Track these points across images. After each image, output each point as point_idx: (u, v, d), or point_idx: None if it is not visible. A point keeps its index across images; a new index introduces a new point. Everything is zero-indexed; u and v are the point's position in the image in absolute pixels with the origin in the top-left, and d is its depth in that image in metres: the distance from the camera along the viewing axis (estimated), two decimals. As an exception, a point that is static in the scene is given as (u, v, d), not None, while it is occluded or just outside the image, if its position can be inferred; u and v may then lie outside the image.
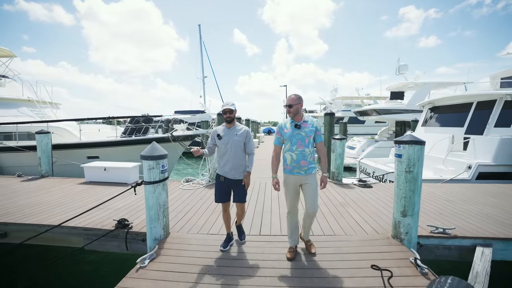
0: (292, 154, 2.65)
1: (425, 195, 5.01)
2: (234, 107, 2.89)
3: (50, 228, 3.35)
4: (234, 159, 2.87)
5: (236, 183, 2.92)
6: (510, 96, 6.86)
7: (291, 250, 2.81)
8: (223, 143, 2.89)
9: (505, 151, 6.49)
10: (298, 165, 2.63)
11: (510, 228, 3.38)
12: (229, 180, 2.91)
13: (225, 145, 2.88)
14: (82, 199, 4.85)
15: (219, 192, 2.96)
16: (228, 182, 2.92)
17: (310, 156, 2.65)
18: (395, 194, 3.08)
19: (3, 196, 4.94)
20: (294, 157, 2.64)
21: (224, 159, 2.90)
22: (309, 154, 2.65)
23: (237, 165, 2.89)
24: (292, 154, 2.65)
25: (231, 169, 2.89)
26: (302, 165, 2.62)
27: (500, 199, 4.71)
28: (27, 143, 7.50)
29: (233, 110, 2.88)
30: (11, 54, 10.50)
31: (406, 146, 2.91)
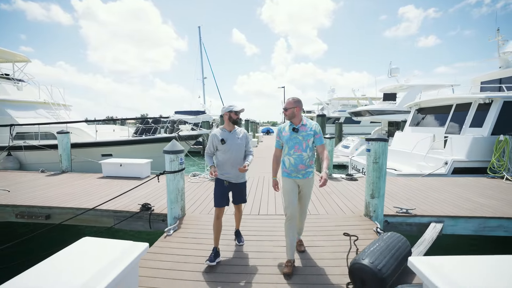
0: (290, 158, 2.64)
1: (401, 186, 5.81)
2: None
3: (86, 210, 4.12)
4: (237, 163, 2.83)
5: (237, 186, 2.91)
6: (482, 100, 7.65)
7: (288, 264, 2.61)
8: (227, 147, 2.81)
9: (476, 149, 7.28)
10: (296, 169, 2.62)
11: (459, 208, 4.18)
12: (232, 184, 2.89)
13: (230, 149, 2.81)
14: (104, 190, 5.62)
15: (221, 196, 2.87)
16: (230, 186, 2.89)
17: (308, 160, 2.63)
18: (366, 181, 3.87)
19: (39, 187, 5.72)
20: (292, 161, 2.63)
21: (228, 163, 2.83)
22: (307, 158, 2.63)
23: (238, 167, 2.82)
24: (290, 158, 2.64)
25: (235, 173, 2.84)
26: (300, 169, 2.62)
27: (463, 189, 5.50)
28: (47, 142, 8.25)
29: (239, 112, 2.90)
30: (26, 59, 11.24)
31: (373, 142, 3.70)
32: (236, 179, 2.90)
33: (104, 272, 1.56)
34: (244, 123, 12.97)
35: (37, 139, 8.40)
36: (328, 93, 32.75)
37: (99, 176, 6.93)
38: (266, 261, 2.85)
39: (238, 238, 3.27)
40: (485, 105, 7.66)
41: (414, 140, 9.14)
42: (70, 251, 1.79)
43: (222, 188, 2.89)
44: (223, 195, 2.88)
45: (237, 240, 3.26)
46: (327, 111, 25.62)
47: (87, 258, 1.70)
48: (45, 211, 4.46)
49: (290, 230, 2.62)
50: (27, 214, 4.47)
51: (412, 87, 14.92)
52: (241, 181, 2.95)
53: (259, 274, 2.62)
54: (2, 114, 8.80)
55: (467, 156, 7.34)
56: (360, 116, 16.82)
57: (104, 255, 1.74)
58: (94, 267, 1.59)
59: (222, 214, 2.90)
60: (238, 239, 3.26)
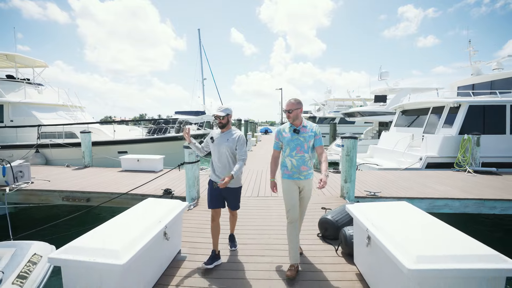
0: (292, 160, 2.63)
1: (378, 178, 6.91)
2: (225, 113, 2.77)
3: (119, 195, 5.22)
4: (226, 165, 2.78)
5: (228, 191, 2.81)
6: (452, 104, 8.77)
7: (291, 268, 2.61)
8: (214, 147, 2.82)
9: (446, 146, 8.40)
10: (298, 171, 2.62)
11: (417, 193, 5.30)
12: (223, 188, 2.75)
13: (217, 150, 2.80)
14: (127, 180, 6.69)
15: (212, 198, 2.83)
16: (220, 189, 2.78)
17: (309, 162, 2.66)
18: (341, 170, 4.97)
19: (72, 178, 6.78)
20: (295, 163, 2.62)
21: (216, 164, 2.83)
22: (309, 160, 2.65)
23: (229, 172, 2.75)
24: (292, 159, 2.63)
25: (220, 175, 2.79)
26: (302, 170, 2.62)
27: (427, 179, 6.62)
28: (69, 141, 9.30)
29: (224, 116, 2.77)
30: (44, 65, 12.27)
31: (346, 140, 4.80)
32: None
33: (163, 217, 2.59)
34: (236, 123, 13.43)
35: (60, 137, 9.44)
36: (325, 94, 33.94)
37: (118, 170, 8.00)
38: (267, 231, 3.95)
39: (231, 242, 3.18)
40: (455, 109, 8.79)
41: (397, 139, 10.28)
42: (141, 205, 2.86)
43: (212, 189, 2.84)
44: (213, 197, 2.82)
45: (230, 245, 3.16)
46: (323, 112, 26.72)
47: (151, 210, 2.76)
48: (86, 195, 5.54)
49: (293, 234, 2.61)
50: (71, 198, 5.54)
51: (400, 90, 16.08)
52: (233, 186, 2.80)
53: (262, 245, 3.71)
54: (28, 115, 9.84)
55: (439, 152, 8.46)
56: (353, 116, 17.96)
57: (162, 208, 2.81)
58: (157, 214, 2.61)
59: (217, 216, 2.83)
60: (231, 244, 3.17)
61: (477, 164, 7.90)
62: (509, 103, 8.29)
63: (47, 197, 5.68)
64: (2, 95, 9.87)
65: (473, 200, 5.07)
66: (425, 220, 2.18)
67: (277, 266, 2.78)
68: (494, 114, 8.37)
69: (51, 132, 9.78)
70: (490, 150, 8.22)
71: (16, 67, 10.99)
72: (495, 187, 5.94)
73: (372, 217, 2.28)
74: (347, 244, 2.79)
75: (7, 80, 10.46)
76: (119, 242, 1.87)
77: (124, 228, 2.15)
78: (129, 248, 1.83)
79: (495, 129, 8.36)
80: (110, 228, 2.15)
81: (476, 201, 5.07)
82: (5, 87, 10.11)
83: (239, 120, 14.72)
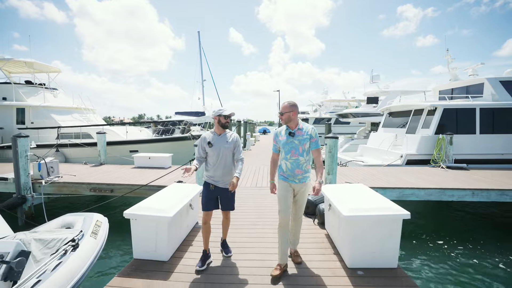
0: (286, 163, 2.64)
1: (361, 173, 7.92)
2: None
3: (140, 186, 6.21)
4: (225, 167, 2.81)
5: (225, 191, 2.84)
6: (429, 107, 9.80)
7: (278, 267, 2.67)
8: (214, 151, 2.79)
9: (424, 145, 9.43)
10: (292, 174, 2.62)
11: (389, 183, 6.33)
12: (219, 188, 2.85)
13: (217, 153, 2.79)
14: (142, 175, 7.66)
15: (208, 201, 2.86)
16: (217, 191, 2.85)
17: (305, 165, 2.63)
18: (325, 165, 5.97)
19: (94, 173, 7.77)
20: (289, 166, 2.62)
21: (215, 167, 2.81)
22: (304, 163, 2.62)
23: (228, 173, 2.83)
24: (287, 162, 2.64)
25: (222, 177, 2.82)
26: (297, 173, 2.61)
27: (403, 174, 7.64)
28: (86, 141, 10.27)
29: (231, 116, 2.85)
30: (58, 70, 13.23)
31: (328, 139, 5.81)
32: (223, 184, 2.84)
33: (188, 193, 3.61)
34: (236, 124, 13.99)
35: (77, 138, 10.41)
36: (322, 95, 35.02)
37: (132, 167, 8.97)
38: (262, 213, 4.96)
39: (225, 249, 3.09)
40: (432, 111, 9.81)
41: (383, 139, 11.32)
42: (169, 188, 3.85)
43: (208, 192, 2.86)
44: (209, 199, 2.85)
45: (224, 251, 3.08)
46: (319, 113, 27.75)
47: (178, 190, 3.74)
48: (110, 187, 6.52)
49: (283, 238, 2.67)
50: (98, 189, 6.53)
51: (391, 92, 17.13)
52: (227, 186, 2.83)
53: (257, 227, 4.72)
54: (48, 118, 10.80)
55: (417, 150, 9.49)
56: (346, 117, 19.01)
57: (185, 189, 3.80)
58: (183, 192, 3.62)
59: (209, 218, 2.90)
60: (225, 250, 3.08)
61: (450, 161, 8.93)
62: (479, 106, 9.33)
63: (76, 188, 6.67)
64: (23, 99, 10.83)
65: (435, 189, 6.09)
66: (366, 193, 3.20)
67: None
68: (465, 116, 9.41)
69: (68, 133, 10.75)
70: (462, 148, 9.25)
71: (33, 73, 11.95)
72: (459, 179, 6.96)
73: (334, 193, 3.29)
74: (320, 215, 3.81)
75: (27, 85, 11.43)
76: (166, 205, 2.90)
77: (165, 199, 3.16)
78: (172, 208, 2.86)
79: (467, 129, 9.38)
80: (156, 199, 3.17)
81: (438, 190, 6.08)
82: (25, 92, 11.07)
83: (238, 121, 15.67)
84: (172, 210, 2.84)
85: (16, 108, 10.69)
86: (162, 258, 2.87)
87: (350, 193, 3.22)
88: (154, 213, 2.77)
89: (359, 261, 2.67)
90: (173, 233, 3.01)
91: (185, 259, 2.95)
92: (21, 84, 11.43)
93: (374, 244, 2.63)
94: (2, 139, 10.21)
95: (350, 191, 3.34)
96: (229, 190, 2.76)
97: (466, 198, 6.08)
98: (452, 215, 7.18)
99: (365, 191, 3.33)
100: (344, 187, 3.59)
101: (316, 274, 2.66)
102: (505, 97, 9.61)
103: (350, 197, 3.02)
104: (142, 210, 2.83)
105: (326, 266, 2.80)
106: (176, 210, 2.84)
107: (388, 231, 2.61)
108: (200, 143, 2.90)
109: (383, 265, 2.66)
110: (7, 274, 2.08)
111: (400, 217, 2.58)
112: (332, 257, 2.97)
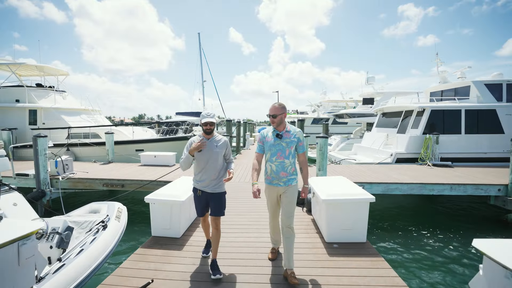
0: (272, 165, 2.62)
1: (352, 170, 8.53)
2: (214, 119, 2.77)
3: (149, 182, 6.84)
4: (214, 172, 2.74)
5: (214, 196, 2.78)
6: (419, 108, 10.41)
7: (273, 251, 3.03)
8: (203, 155, 2.72)
9: (412, 144, 10.04)
10: (277, 176, 2.60)
11: (374, 178, 6.94)
12: (207, 194, 2.78)
13: (206, 158, 2.72)
14: (148, 171, 8.29)
15: (199, 207, 2.87)
16: (206, 196, 2.79)
17: (290, 168, 2.61)
18: (316, 162, 6.59)
19: (104, 170, 8.39)
20: (274, 168, 2.60)
21: (203, 171, 2.75)
22: (289, 166, 2.60)
23: (216, 177, 2.77)
24: (272, 165, 2.62)
25: (210, 182, 2.75)
26: (282, 176, 2.59)
27: (391, 170, 8.26)
28: (95, 140, 10.90)
29: (214, 123, 2.76)
30: (66, 73, 13.87)
31: (319, 138, 6.43)
32: (212, 189, 2.77)
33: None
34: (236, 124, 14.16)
35: (86, 138, 11.05)
36: (320, 96, 35.63)
37: (139, 164, 9.60)
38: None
39: (214, 270, 2.72)
40: (421, 112, 10.43)
41: (376, 138, 11.93)
42: (178, 180, 4.47)
43: (197, 198, 2.86)
44: (200, 206, 2.87)
45: (213, 272, 2.71)
46: (317, 113, 28.36)
47: (186, 182, 4.36)
48: (121, 182, 7.15)
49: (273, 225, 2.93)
50: (110, 184, 7.15)
51: (386, 94, 17.74)
52: (218, 191, 2.79)
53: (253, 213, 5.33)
54: (58, 119, 11.44)
55: (406, 149, 10.10)
56: (342, 118, 19.63)
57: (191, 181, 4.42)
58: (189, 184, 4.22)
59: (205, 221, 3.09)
60: (213, 272, 2.71)
61: (436, 159, 9.54)
62: (464, 108, 9.95)
63: (90, 184, 7.30)
64: (35, 101, 11.47)
65: (417, 184, 6.71)
66: (345, 183, 3.83)
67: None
68: (451, 117, 10.02)
69: (77, 133, 11.38)
70: (448, 147, 9.87)
71: (44, 76, 12.58)
72: (441, 176, 7.57)
73: (318, 183, 3.92)
74: (308, 203, 4.43)
75: (38, 88, 12.07)
76: (178, 192, 3.54)
77: (177, 188, 3.80)
78: (183, 194, 3.50)
79: (453, 129, 10.00)
80: (169, 188, 3.84)
81: (419, 185, 6.70)
82: (37, 94, 11.71)
83: (238, 122, 16.22)
84: (184, 195, 3.48)
85: (28, 109, 11.33)
86: (175, 235, 3.51)
87: (331, 183, 3.85)
88: (169, 198, 3.40)
89: (334, 236, 3.30)
90: (184, 215, 3.64)
91: (194, 237, 3.60)
92: (33, 87, 12.07)
93: (346, 222, 3.25)
94: (16, 139, 10.83)
95: (332, 182, 3.96)
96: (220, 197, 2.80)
97: (445, 192, 6.69)
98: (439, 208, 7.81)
99: (344, 182, 3.96)
100: (327, 179, 4.21)
101: (300, 247, 3.28)
102: (489, 99, 10.23)
103: (330, 186, 3.65)
104: (159, 196, 3.48)
105: (309, 241, 3.43)
106: (187, 196, 3.48)
107: (358, 212, 3.23)
108: (187, 148, 2.76)
109: (354, 240, 3.29)
110: (59, 243, 2.70)
111: (367, 201, 3.20)
112: (314, 235, 3.59)
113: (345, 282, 2.61)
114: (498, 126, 9.77)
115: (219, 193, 2.82)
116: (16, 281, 1.68)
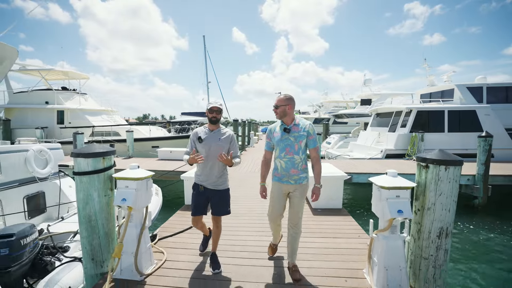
0: (281, 162, 2.45)
1: (345, 164, 9.69)
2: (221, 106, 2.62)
3: (167, 172, 8.09)
4: (214, 166, 2.59)
5: (216, 193, 2.63)
6: (406, 109, 11.54)
7: (273, 246, 2.93)
8: (204, 147, 2.58)
9: (400, 141, 11.16)
10: (287, 174, 2.44)
11: (359, 169, 8.12)
12: (209, 190, 2.63)
13: (207, 150, 2.57)
14: (166, 164, 9.53)
15: (197, 204, 2.67)
16: (207, 193, 2.64)
17: (301, 164, 2.45)
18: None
19: (129, 163, 9.65)
20: (283, 165, 2.43)
21: (203, 165, 2.60)
22: (300, 162, 2.44)
23: (219, 173, 2.62)
24: (281, 161, 2.45)
25: (212, 178, 2.60)
26: (292, 173, 2.42)
27: (379, 164, 9.41)
28: (115, 138, 12.21)
29: (221, 110, 2.62)
30: (86, 77, 15.22)
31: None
32: (213, 185, 2.63)
33: None
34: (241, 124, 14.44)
35: (108, 135, 12.37)
36: (322, 96, 36.71)
37: (156, 159, 10.87)
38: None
39: (213, 264, 2.69)
40: (409, 112, 11.55)
41: (370, 136, 13.07)
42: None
43: (197, 193, 2.68)
44: (198, 202, 2.67)
45: (212, 266, 2.67)
46: (319, 113, 29.49)
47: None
48: (145, 172, 8.40)
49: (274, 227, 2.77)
50: (136, 174, 8.40)
51: (382, 95, 18.86)
52: (221, 188, 2.65)
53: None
54: (83, 118, 12.79)
55: (395, 146, 11.23)
56: (341, 118, 20.77)
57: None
58: None
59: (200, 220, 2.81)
60: (213, 266, 2.68)
61: (421, 154, 10.65)
62: (447, 109, 11.05)
63: (119, 174, 8.56)
64: (62, 103, 12.82)
65: (397, 174, 7.84)
66: (329, 167, 5.02)
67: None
68: (436, 117, 11.13)
69: (99, 132, 12.72)
70: (433, 144, 10.96)
71: (68, 80, 13.95)
72: (421, 168, 8.70)
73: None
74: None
75: (64, 91, 13.45)
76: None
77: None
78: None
79: (437, 128, 11.10)
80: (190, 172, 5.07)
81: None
82: (63, 97, 13.07)
83: (243, 121, 17.41)
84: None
85: (56, 110, 12.69)
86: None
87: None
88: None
89: (318, 204, 4.50)
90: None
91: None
92: (59, 90, 13.43)
93: (327, 194, 4.44)
94: (47, 136, 12.18)
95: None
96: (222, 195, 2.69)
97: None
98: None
99: (329, 166, 5.15)
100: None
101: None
102: (470, 101, 11.32)
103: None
104: (189, 174, 4.74)
105: (300, 209, 4.64)
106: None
107: (336, 186, 4.43)
108: (191, 138, 2.69)
109: (333, 206, 4.48)
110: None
111: (342, 178, 4.40)
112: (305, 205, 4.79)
113: (324, 228, 3.82)
114: (478, 125, 10.85)
115: (223, 190, 2.68)
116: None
